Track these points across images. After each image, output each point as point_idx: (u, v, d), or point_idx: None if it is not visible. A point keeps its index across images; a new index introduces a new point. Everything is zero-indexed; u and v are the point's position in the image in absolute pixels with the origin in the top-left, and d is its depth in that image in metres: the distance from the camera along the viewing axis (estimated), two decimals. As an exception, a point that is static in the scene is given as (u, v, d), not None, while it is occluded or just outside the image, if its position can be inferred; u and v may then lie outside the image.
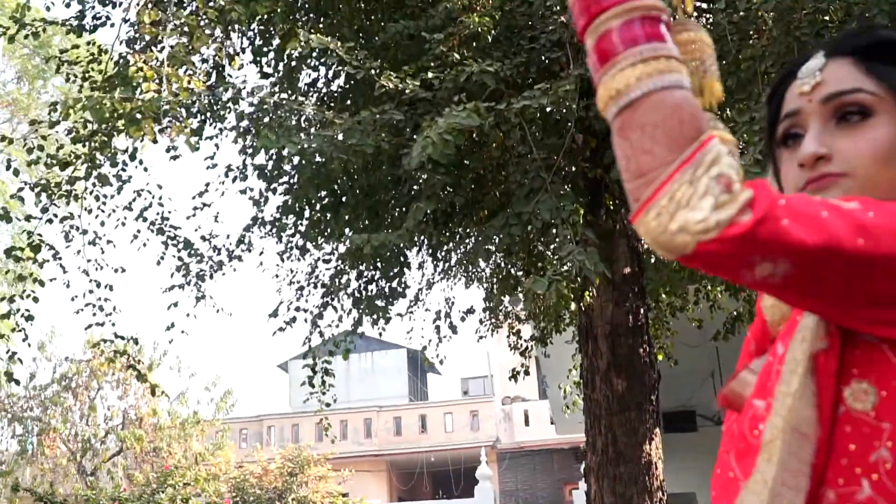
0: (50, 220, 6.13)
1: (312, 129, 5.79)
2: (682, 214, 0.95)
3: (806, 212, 0.98)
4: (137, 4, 5.46)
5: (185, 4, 5.79)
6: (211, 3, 5.44)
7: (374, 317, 6.34)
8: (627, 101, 1.01)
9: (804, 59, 1.29)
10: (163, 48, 5.56)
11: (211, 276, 7.44)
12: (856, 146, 1.18)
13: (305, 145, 4.48)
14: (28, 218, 6.15)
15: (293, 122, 5.28)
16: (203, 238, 7.31)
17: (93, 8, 6.23)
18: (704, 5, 6.05)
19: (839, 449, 1.06)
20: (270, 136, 4.49)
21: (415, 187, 5.69)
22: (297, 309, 7.30)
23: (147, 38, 5.59)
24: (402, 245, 4.89)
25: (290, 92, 6.87)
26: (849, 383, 1.07)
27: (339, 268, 6.97)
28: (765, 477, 1.07)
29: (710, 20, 5.41)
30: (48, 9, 6.92)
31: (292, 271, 7.75)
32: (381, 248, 4.49)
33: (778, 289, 1.02)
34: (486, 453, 26.22)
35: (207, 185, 7.18)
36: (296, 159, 4.94)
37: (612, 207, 6.64)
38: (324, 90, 7.31)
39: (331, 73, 6.98)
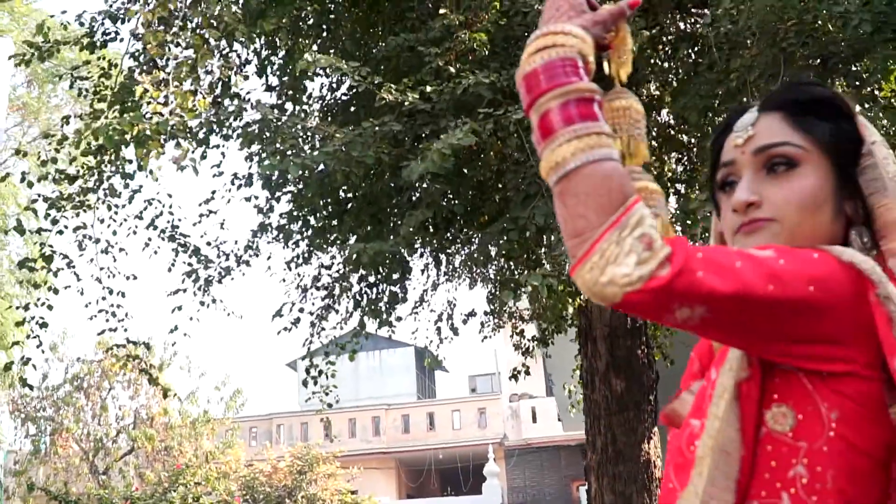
0: (60, 232, 6.31)
1: (316, 138, 5.95)
2: (610, 269, 1.10)
3: (720, 262, 1.13)
4: (144, 24, 5.61)
5: (189, 18, 5.94)
6: (214, 23, 5.59)
7: (378, 321, 6.51)
8: (564, 172, 1.16)
9: (741, 111, 1.44)
10: (168, 60, 5.72)
11: (220, 281, 7.61)
12: (783, 194, 1.32)
13: (308, 162, 4.64)
14: (39, 231, 6.33)
15: (297, 131, 5.41)
16: (208, 244, 7.47)
17: (102, 24, 6.39)
18: (704, 11, 6.18)
19: (762, 465, 1.21)
20: (273, 161, 4.66)
21: (416, 195, 5.85)
22: (301, 310, 7.46)
23: (153, 56, 5.75)
24: (401, 251, 5.04)
25: (294, 102, 7.03)
26: (770, 407, 1.22)
27: (341, 272, 7.13)
28: (696, 489, 1.22)
29: (699, 32, 5.54)
30: (65, 27, 7.08)
31: (299, 275, 7.91)
32: (377, 256, 4.65)
33: (697, 329, 1.16)
34: (494, 450, 26.33)
35: (214, 192, 7.35)
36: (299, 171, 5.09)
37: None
38: (328, 97, 7.47)
39: (334, 83, 7.14)
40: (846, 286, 1.19)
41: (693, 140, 6.55)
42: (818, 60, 4.79)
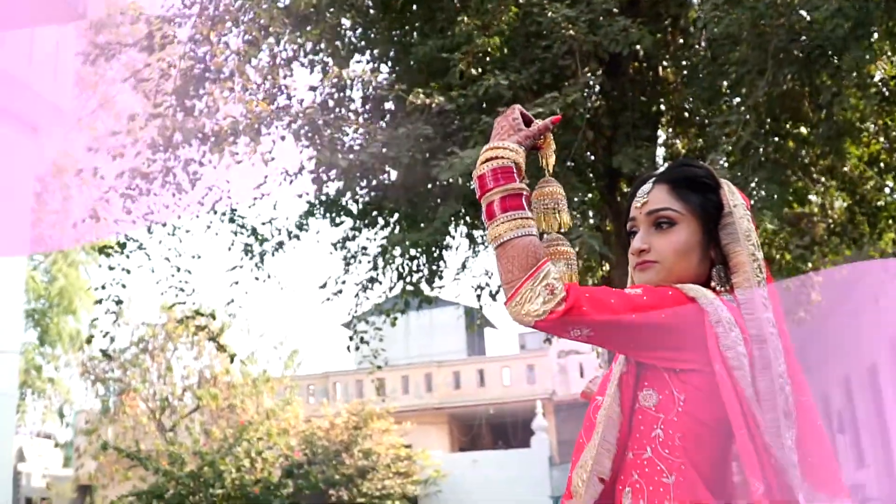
0: (134, 221, 7.08)
1: (360, 133, 6.58)
2: (527, 306, 1.74)
3: (600, 299, 1.75)
4: (202, 34, 6.26)
5: (239, 24, 6.57)
6: (261, 24, 6.21)
7: (418, 298, 7.15)
8: (500, 242, 1.79)
9: (643, 181, 2.04)
10: (221, 70, 6.37)
11: (273, 254, 8.37)
12: (664, 244, 1.94)
13: (354, 160, 5.28)
14: (115, 222, 7.10)
15: (343, 128, 6.04)
16: (263, 224, 8.19)
17: (160, 29, 7.02)
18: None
19: (635, 429, 1.85)
20: (323, 155, 5.32)
21: (446, 183, 6.47)
22: (343, 283, 8.19)
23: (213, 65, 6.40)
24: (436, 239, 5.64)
25: (338, 91, 7.65)
26: (642, 390, 1.86)
27: (383, 247, 7.81)
28: (594, 443, 1.87)
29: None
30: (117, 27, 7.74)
31: (346, 248, 8.62)
32: (415, 245, 5.29)
33: (587, 341, 1.80)
34: (543, 405, 26.96)
35: (266, 177, 8.07)
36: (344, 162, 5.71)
37: (627, 191, 7.39)
38: (370, 79, 8.09)
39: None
40: (690, 314, 1.81)
41: (705, 122, 7.06)
42: (804, 55, 5.28)
